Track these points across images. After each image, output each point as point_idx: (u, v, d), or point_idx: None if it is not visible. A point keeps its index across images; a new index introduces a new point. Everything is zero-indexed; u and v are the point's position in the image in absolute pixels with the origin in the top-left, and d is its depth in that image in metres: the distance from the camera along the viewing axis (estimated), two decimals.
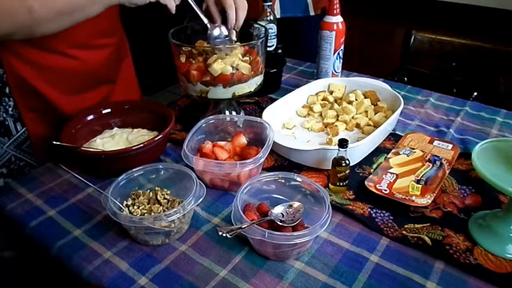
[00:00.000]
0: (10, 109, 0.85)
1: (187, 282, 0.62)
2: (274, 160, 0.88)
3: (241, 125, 0.88)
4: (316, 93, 1.07)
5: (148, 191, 0.73)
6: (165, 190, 0.73)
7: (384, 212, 0.73)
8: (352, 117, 0.99)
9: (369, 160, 0.86)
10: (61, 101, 0.90)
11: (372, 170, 0.84)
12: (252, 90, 0.94)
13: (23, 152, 0.90)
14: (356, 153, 0.83)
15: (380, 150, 0.90)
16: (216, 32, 0.90)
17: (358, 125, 0.98)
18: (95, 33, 0.90)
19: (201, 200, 0.67)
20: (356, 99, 1.03)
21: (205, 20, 0.89)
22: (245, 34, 0.98)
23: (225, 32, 0.91)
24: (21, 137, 0.88)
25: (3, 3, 0.66)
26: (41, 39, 0.79)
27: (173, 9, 0.80)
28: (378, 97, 1.04)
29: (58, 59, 0.86)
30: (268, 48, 1.28)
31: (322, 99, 1.06)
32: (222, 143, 0.85)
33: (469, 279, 0.61)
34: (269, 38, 1.27)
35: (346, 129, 0.97)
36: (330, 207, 0.64)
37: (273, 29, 1.27)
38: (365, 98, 1.04)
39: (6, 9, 0.67)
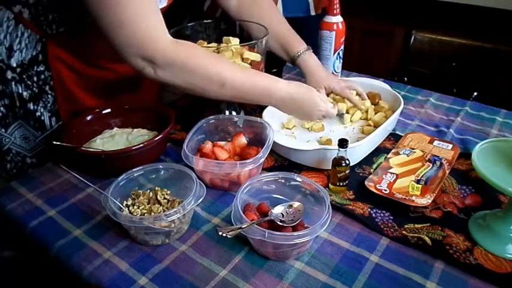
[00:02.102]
0: (49, 105, 0.90)
1: (187, 282, 0.62)
2: (274, 160, 0.88)
3: (241, 125, 0.88)
4: None
5: (148, 191, 0.73)
6: (165, 190, 0.73)
7: (384, 212, 0.73)
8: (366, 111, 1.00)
9: (369, 160, 0.86)
10: (93, 105, 0.94)
11: (372, 170, 0.84)
12: None
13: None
14: (356, 153, 0.83)
15: (380, 150, 0.90)
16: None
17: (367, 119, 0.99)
18: None
19: (201, 200, 0.67)
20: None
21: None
22: (245, 34, 0.98)
23: None
24: (54, 133, 0.92)
25: (207, 68, 0.74)
26: (88, 58, 0.89)
27: None
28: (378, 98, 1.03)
29: (98, 71, 0.92)
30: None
31: None
32: (222, 143, 0.85)
33: (469, 279, 0.61)
34: None
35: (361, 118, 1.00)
36: (330, 207, 0.64)
37: None
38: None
39: (205, 73, 0.74)
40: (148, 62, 0.71)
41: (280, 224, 0.66)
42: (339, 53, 1.14)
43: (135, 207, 0.69)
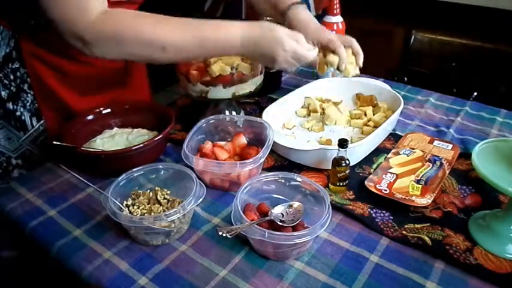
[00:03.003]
0: (28, 104, 0.88)
1: (187, 282, 0.62)
2: (274, 160, 0.88)
3: (241, 125, 0.88)
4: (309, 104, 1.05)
5: (148, 191, 0.73)
6: (165, 190, 0.73)
7: (384, 212, 0.73)
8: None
9: (369, 160, 0.86)
10: (75, 102, 0.92)
11: (372, 170, 0.84)
12: (252, 90, 0.94)
13: (37, 146, 0.92)
14: (356, 153, 0.83)
15: (380, 150, 0.90)
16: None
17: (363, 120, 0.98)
18: None
19: (201, 200, 0.67)
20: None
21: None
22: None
23: None
24: (36, 132, 0.90)
25: (142, 34, 0.68)
26: (61, 51, 0.84)
27: None
28: (376, 99, 1.03)
29: (76, 65, 0.89)
30: None
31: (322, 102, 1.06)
32: (222, 143, 0.85)
33: (469, 279, 0.61)
34: None
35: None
36: (330, 207, 0.64)
37: None
38: (364, 101, 1.04)
39: (141, 40, 0.68)
40: (80, 40, 0.66)
41: (280, 224, 0.66)
42: None
43: (135, 207, 0.69)
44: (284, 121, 1.00)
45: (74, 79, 0.91)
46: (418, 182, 0.77)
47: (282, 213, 0.68)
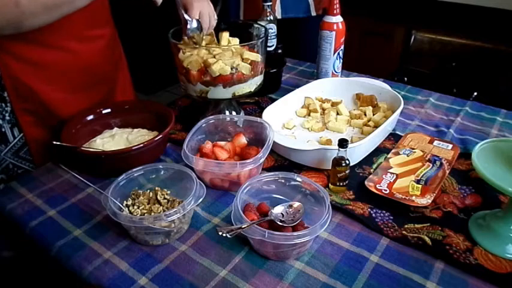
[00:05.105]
0: (7, 115, 0.84)
1: (187, 282, 0.62)
2: (274, 160, 0.88)
3: (241, 125, 0.88)
4: (309, 104, 1.06)
5: (148, 191, 0.73)
6: (165, 190, 0.73)
7: (384, 212, 0.73)
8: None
9: (369, 160, 0.86)
10: (57, 101, 0.89)
11: (372, 170, 0.84)
12: (252, 90, 0.94)
13: (20, 158, 0.89)
14: (356, 153, 0.83)
15: (380, 150, 0.90)
16: (194, 24, 0.89)
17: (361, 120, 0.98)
18: (87, 24, 0.89)
19: (201, 200, 0.67)
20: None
21: (184, 14, 0.88)
22: (245, 34, 0.98)
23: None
24: (18, 144, 0.87)
25: None
26: (34, 33, 0.78)
27: (159, 2, 0.79)
28: (376, 99, 1.03)
29: (51, 53, 0.85)
30: (268, 48, 1.28)
31: (321, 102, 1.06)
32: (222, 143, 0.85)
33: (469, 279, 0.61)
34: (269, 38, 1.27)
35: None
36: (330, 207, 0.64)
37: (273, 29, 1.27)
38: (364, 101, 1.04)
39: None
40: None
41: (280, 224, 0.66)
42: (339, 53, 1.14)
43: (135, 207, 0.69)
44: (284, 121, 1.00)
45: (53, 73, 0.86)
46: (418, 182, 0.77)
47: (282, 213, 0.68)
